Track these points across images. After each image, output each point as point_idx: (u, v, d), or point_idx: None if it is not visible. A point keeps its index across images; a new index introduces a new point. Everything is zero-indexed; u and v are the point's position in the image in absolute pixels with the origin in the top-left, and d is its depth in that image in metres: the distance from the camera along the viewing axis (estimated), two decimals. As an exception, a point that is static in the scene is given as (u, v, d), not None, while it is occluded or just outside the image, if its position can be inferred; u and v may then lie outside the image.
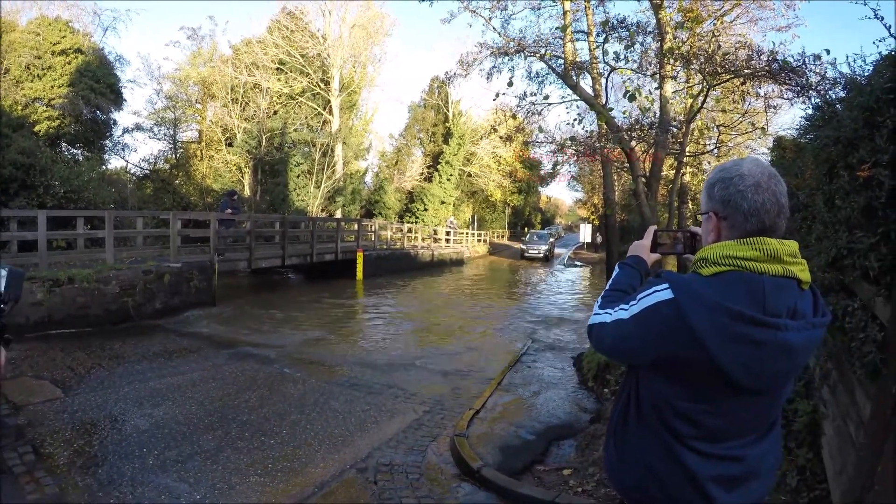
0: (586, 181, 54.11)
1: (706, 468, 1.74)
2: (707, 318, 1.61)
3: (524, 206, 68.77)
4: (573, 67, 12.02)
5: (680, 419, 1.74)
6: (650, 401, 1.81)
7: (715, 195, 1.79)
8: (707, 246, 1.80)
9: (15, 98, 22.47)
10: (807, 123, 5.34)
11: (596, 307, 2.02)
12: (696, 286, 1.69)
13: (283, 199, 31.52)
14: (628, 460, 1.91)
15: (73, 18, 27.16)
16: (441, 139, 47.71)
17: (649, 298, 1.73)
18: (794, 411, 4.20)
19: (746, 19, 15.12)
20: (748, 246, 1.68)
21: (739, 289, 1.65)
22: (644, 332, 1.74)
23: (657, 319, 1.69)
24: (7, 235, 13.09)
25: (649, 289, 1.76)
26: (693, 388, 1.71)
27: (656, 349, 1.71)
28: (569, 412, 7.77)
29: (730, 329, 1.60)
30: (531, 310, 18.89)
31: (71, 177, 18.65)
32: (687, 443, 1.74)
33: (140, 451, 6.01)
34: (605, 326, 1.90)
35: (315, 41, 35.70)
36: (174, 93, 35.56)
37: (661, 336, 1.68)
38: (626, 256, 2.27)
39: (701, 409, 1.72)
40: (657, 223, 11.90)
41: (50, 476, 5.26)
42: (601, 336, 1.93)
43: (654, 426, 1.80)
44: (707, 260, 1.74)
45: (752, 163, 1.79)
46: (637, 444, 1.87)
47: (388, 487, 5.46)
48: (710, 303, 1.62)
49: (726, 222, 1.76)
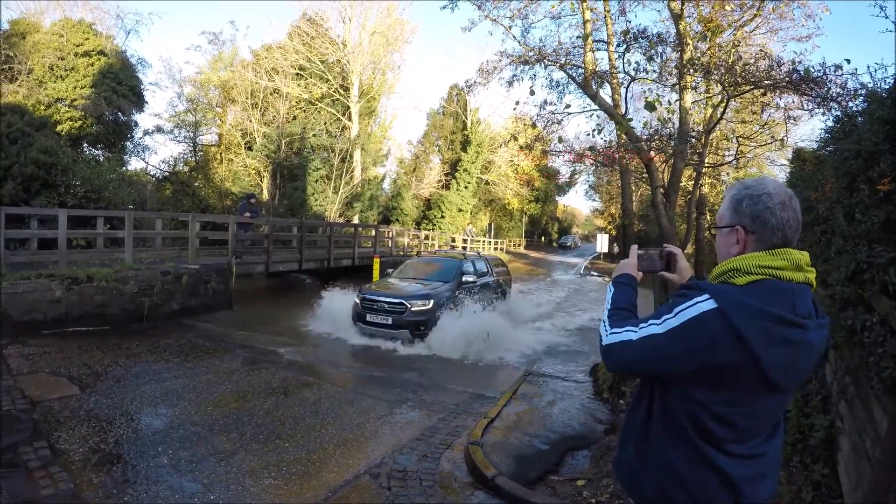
0: (604, 191, 53.97)
1: (740, 469, 1.84)
2: (751, 324, 1.72)
3: (541, 214, 68.61)
4: (593, 77, 12.00)
5: (718, 424, 1.81)
6: (686, 410, 1.85)
7: (744, 210, 1.91)
8: (735, 257, 1.92)
9: (38, 98, 22.78)
10: (827, 136, 5.31)
11: (606, 327, 2.05)
12: (736, 295, 1.79)
13: (302, 204, 31.66)
14: (651, 469, 1.96)
15: (96, 21, 27.65)
16: (459, 147, 47.74)
17: (691, 310, 1.80)
18: (811, 426, 4.17)
19: (766, 29, 15.04)
20: (777, 257, 1.84)
21: (774, 295, 1.79)
22: (687, 343, 1.79)
23: (702, 329, 1.77)
24: (28, 233, 13.24)
25: (687, 301, 1.83)
26: (733, 392, 1.80)
27: (701, 358, 1.77)
28: (583, 423, 7.72)
29: (771, 332, 1.74)
30: (548, 316, 18.80)
31: (92, 177, 18.87)
32: (724, 447, 1.83)
33: (155, 451, 6.05)
34: (630, 344, 1.92)
35: (335, 47, 35.90)
36: (195, 96, 36.01)
37: (708, 345, 1.75)
38: (616, 275, 2.34)
39: (738, 412, 1.82)
40: (675, 234, 11.86)
41: (65, 472, 5.30)
42: (623, 354, 1.95)
43: (685, 434, 1.86)
44: (740, 270, 1.87)
45: (773, 182, 1.96)
46: (663, 453, 1.91)
47: (402, 494, 5.46)
48: (753, 309, 1.74)
49: (754, 236, 1.89)
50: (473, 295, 15.03)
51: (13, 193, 16.19)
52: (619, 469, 2.18)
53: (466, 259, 16.48)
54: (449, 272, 15.31)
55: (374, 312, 13.03)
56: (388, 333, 12.80)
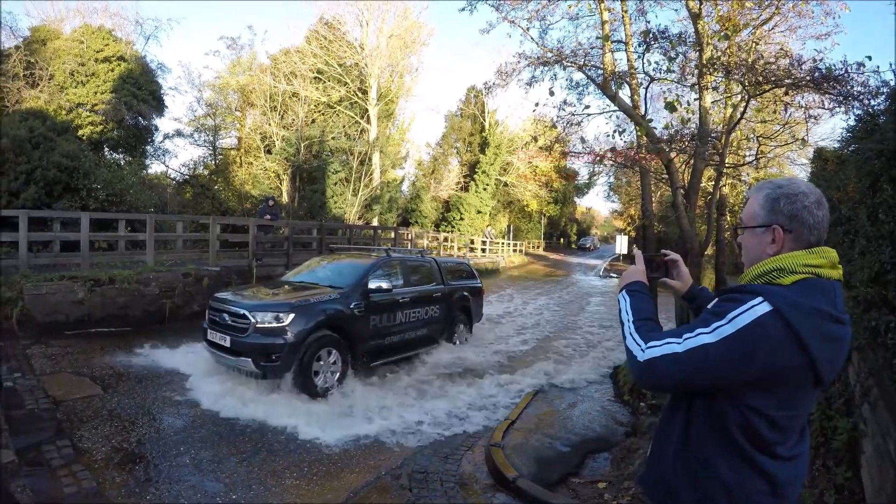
0: (623, 192, 53.82)
1: (784, 471, 1.83)
2: (807, 323, 1.71)
3: (560, 216, 68.43)
4: (612, 78, 11.98)
5: (770, 428, 1.79)
6: (738, 418, 1.79)
7: (781, 210, 1.89)
8: (776, 257, 1.89)
9: (59, 103, 23.09)
10: (849, 135, 5.28)
11: (638, 341, 1.94)
12: (789, 295, 1.76)
13: (321, 207, 31.79)
14: (693, 481, 1.89)
15: (115, 27, 27.93)
16: (477, 148, 47.71)
17: (746, 315, 1.74)
18: (834, 429, 4.13)
19: (785, 27, 14.98)
20: (817, 255, 1.85)
21: (819, 293, 1.79)
22: (745, 350, 1.71)
23: (762, 334, 1.71)
24: (50, 235, 13.44)
25: (741, 306, 1.77)
26: (786, 393, 1.78)
27: (761, 364, 1.71)
28: (604, 425, 7.71)
29: (822, 330, 1.73)
30: (571, 315, 18.70)
31: (113, 180, 19.13)
32: (773, 450, 1.80)
33: (177, 450, 6.11)
34: (676, 358, 1.80)
35: (352, 51, 36.03)
36: (214, 100, 36.33)
37: (768, 350, 1.70)
38: (625, 283, 2.26)
39: (788, 414, 1.81)
40: (696, 236, 11.80)
41: (87, 471, 5.37)
42: (670, 369, 1.81)
43: (734, 442, 1.81)
44: (784, 269, 1.84)
45: (804, 181, 1.96)
46: (707, 464, 1.86)
47: (423, 495, 5.47)
48: (807, 308, 1.73)
49: (791, 235, 1.88)
50: (390, 316, 9.89)
51: (36, 197, 16.44)
52: (650, 484, 2.10)
53: (388, 258, 10.71)
54: (349, 275, 9.82)
55: (216, 328, 8.55)
56: (228, 362, 8.38)
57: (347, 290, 9.23)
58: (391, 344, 9.94)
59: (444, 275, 12.02)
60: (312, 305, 8.53)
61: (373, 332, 9.42)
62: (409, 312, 10.44)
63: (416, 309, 10.67)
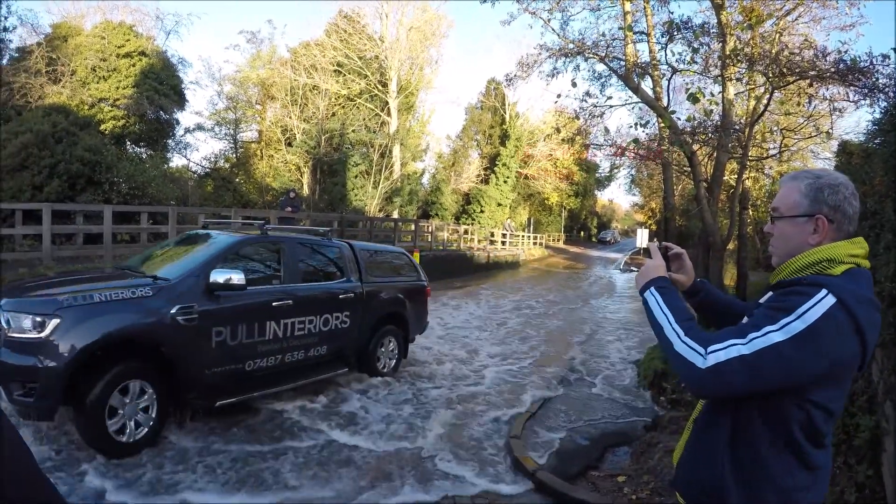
0: (644, 185, 53.47)
1: (824, 457, 1.85)
2: (863, 312, 1.71)
3: (580, 209, 68.09)
4: (634, 69, 11.89)
5: (825, 420, 1.80)
6: (800, 415, 1.76)
7: (825, 199, 1.88)
8: (823, 247, 1.88)
9: (82, 98, 23.36)
10: (875, 128, 5.20)
11: (693, 345, 1.77)
12: (847, 284, 1.75)
13: (342, 199, 31.85)
14: (742, 479, 1.85)
15: (136, 23, 28.08)
16: (498, 141, 47.55)
17: (816, 309, 1.68)
18: (856, 426, 4.08)
19: (808, 18, 14.77)
20: (858, 245, 1.87)
21: (864, 282, 1.81)
22: (819, 345, 1.66)
23: (833, 327, 1.68)
24: (73, 228, 13.65)
25: (810, 300, 1.71)
26: (842, 385, 1.83)
27: (832, 357, 1.69)
28: (624, 419, 7.71)
29: (872, 318, 1.75)
30: (596, 311, 18.61)
31: (135, 174, 19.30)
32: (823, 441, 1.82)
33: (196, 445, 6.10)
34: (746, 360, 1.67)
35: (372, 44, 36.07)
36: (234, 94, 36.53)
37: (839, 342, 1.69)
38: (649, 280, 2.11)
39: (840, 406, 1.84)
40: (718, 229, 11.70)
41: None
42: (741, 375, 1.68)
43: (791, 440, 1.78)
44: (834, 260, 1.84)
45: (839, 173, 1.96)
46: (761, 461, 1.82)
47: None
48: (863, 297, 1.74)
49: (833, 225, 1.88)
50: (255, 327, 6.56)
51: (59, 190, 16.61)
52: (689, 486, 2.04)
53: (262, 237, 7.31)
54: (185, 262, 6.55)
55: None
56: None
57: (173, 283, 5.94)
58: (257, 371, 6.71)
59: (361, 267, 8.46)
60: (96, 306, 5.29)
61: (219, 354, 6.17)
62: (294, 322, 7.08)
63: (308, 317, 7.31)
